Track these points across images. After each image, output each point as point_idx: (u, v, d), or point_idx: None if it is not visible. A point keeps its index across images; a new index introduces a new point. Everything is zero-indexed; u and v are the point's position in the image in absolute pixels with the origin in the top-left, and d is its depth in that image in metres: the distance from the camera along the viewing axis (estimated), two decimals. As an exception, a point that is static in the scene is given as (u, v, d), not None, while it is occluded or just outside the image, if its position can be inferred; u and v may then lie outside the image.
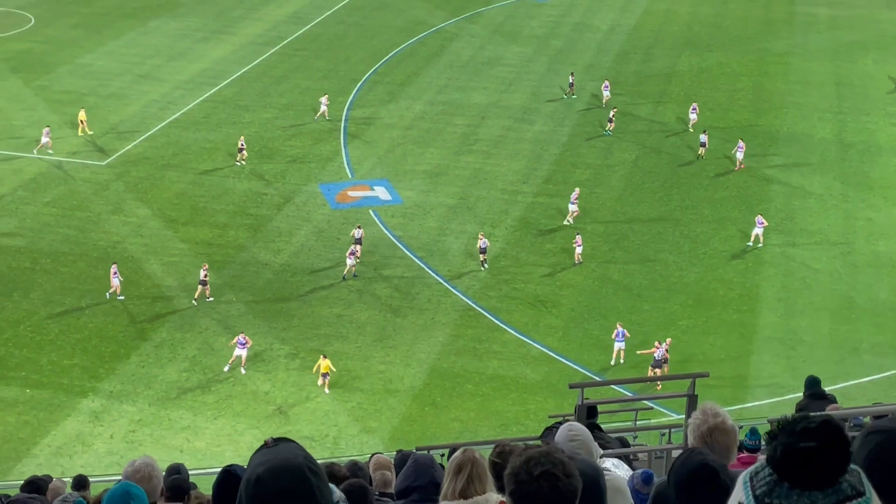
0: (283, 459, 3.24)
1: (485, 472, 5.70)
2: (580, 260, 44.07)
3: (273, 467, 3.20)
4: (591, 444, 6.17)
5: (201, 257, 42.86)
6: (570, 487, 3.60)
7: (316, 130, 56.18)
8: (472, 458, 5.71)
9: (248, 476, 3.20)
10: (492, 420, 34.82)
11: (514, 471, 3.71)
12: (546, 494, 3.57)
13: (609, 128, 56.92)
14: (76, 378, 35.79)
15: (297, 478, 3.17)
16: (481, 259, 43.66)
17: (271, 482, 3.14)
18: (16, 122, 55.62)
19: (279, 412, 34.76)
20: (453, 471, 5.67)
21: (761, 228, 45.57)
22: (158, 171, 50.65)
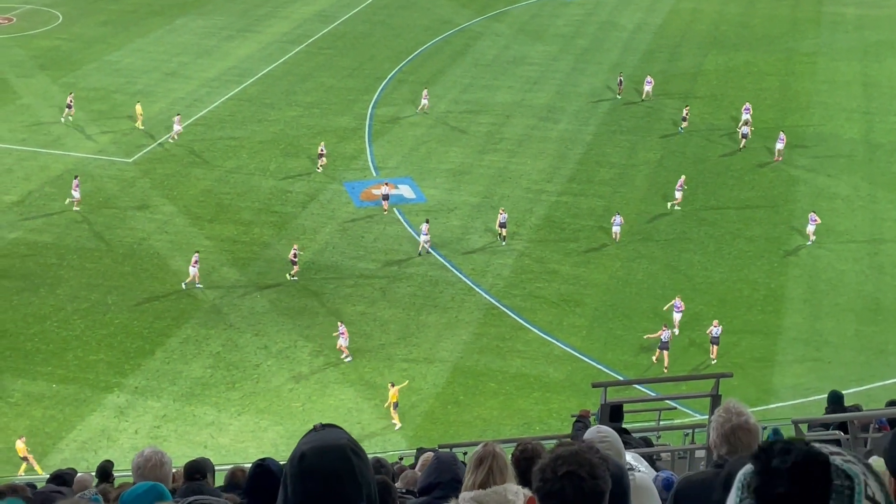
0: (328, 440, 3.37)
1: (506, 465, 5.73)
2: (617, 238, 45.15)
3: (317, 446, 3.32)
4: (619, 445, 6.18)
5: (226, 254, 43.07)
6: (595, 489, 3.60)
7: (341, 128, 56.30)
8: (493, 451, 5.74)
9: (293, 454, 3.31)
10: (515, 419, 34.81)
11: (542, 468, 3.73)
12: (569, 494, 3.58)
13: (683, 126, 56.90)
14: (102, 373, 36.04)
15: (339, 457, 3.29)
16: (501, 233, 44.78)
17: (315, 459, 3.26)
18: (43, 119, 56.03)
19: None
20: (474, 464, 5.71)
21: (814, 225, 45.32)
22: (184, 169, 50.91)
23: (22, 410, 34.10)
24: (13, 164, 50.80)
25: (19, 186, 48.52)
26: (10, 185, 48.67)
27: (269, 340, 38.13)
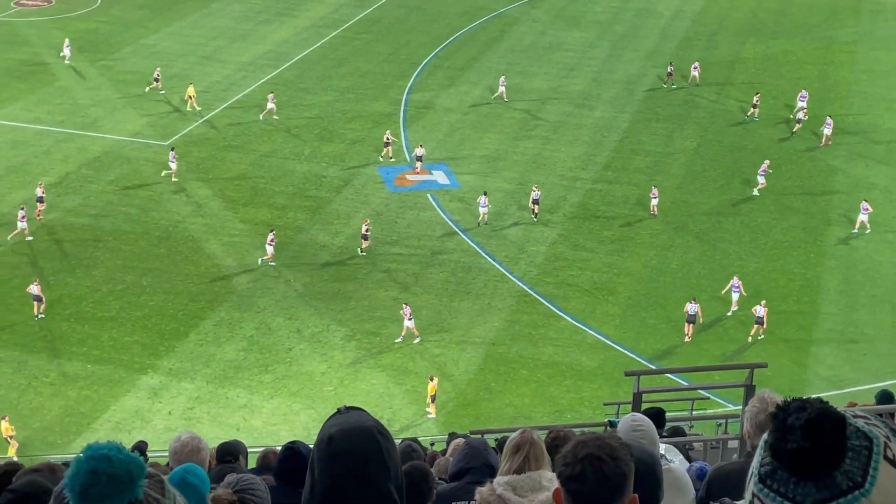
0: (355, 422, 3.35)
1: (542, 453, 5.70)
2: (655, 212, 45.73)
3: (344, 428, 3.30)
4: (653, 433, 6.13)
5: (260, 238, 43.26)
6: (615, 470, 3.56)
7: (375, 114, 56.33)
8: (531, 438, 5.72)
9: (320, 437, 3.31)
10: (546, 406, 34.78)
11: (563, 454, 3.70)
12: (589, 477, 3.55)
13: (753, 113, 56.53)
14: (136, 355, 36.34)
15: (367, 438, 3.27)
16: (534, 210, 45.46)
17: (342, 442, 3.24)
18: (81, 101, 56.45)
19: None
20: (511, 450, 5.68)
21: (866, 215, 44.92)
22: (220, 152, 51.15)
23: (57, 390, 34.46)
24: (51, 145, 51.24)
25: (57, 168, 48.93)
26: (48, 166, 49.09)
27: (301, 324, 38.28)
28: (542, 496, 5.27)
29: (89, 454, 2.41)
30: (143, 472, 2.45)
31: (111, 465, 2.40)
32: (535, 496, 5.30)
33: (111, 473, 2.39)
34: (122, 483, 2.40)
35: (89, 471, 2.39)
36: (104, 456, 2.41)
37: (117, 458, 2.41)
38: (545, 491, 5.29)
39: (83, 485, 2.38)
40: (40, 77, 59.36)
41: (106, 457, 2.40)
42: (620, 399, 27.27)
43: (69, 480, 2.41)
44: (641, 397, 12.10)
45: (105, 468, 2.39)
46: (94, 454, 2.41)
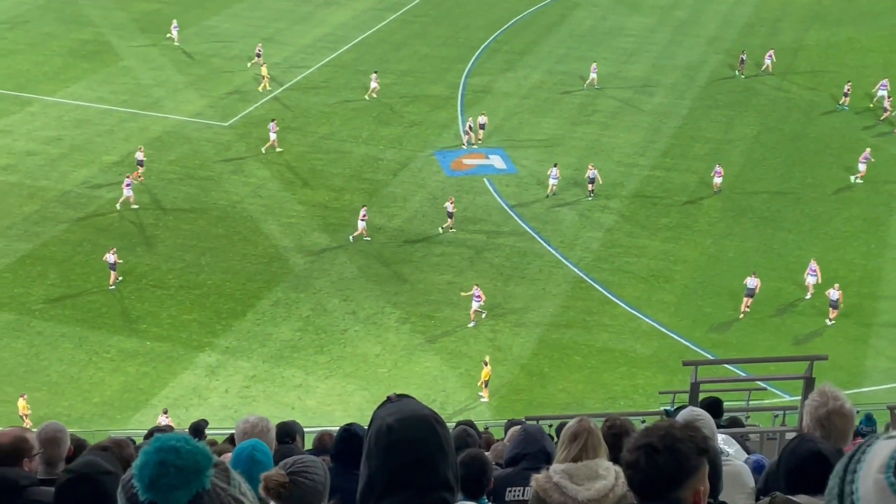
0: (412, 410, 3.36)
1: (599, 442, 5.72)
2: (719, 189, 46.20)
3: (403, 417, 3.31)
4: (712, 426, 6.13)
5: (317, 220, 43.55)
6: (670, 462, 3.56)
7: (433, 97, 56.34)
8: (588, 427, 5.74)
9: (378, 426, 3.31)
10: (599, 393, 34.70)
11: (629, 440, 3.74)
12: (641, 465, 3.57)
13: (844, 102, 55.89)
14: (194, 333, 36.80)
15: (426, 427, 3.30)
16: (590, 189, 45.69)
17: (403, 431, 3.26)
18: (144, 81, 57.12)
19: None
20: (568, 439, 5.70)
21: None
22: (279, 134, 51.45)
23: (117, 366, 35.03)
24: (114, 125, 51.93)
25: (119, 147, 49.59)
26: (111, 145, 49.78)
27: (357, 306, 38.52)
28: (599, 484, 5.30)
29: (158, 445, 2.45)
30: (210, 462, 2.48)
31: (179, 457, 2.44)
32: (591, 484, 5.33)
33: (179, 465, 2.43)
34: (190, 474, 2.44)
35: (158, 462, 2.43)
36: (172, 447, 2.44)
37: (185, 450, 2.45)
38: (601, 479, 5.32)
39: (152, 476, 2.42)
40: (104, 57, 60.13)
41: (174, 448, 2.44)
42: (675, 388, 27.14)
43: (138, 471, 2.45)
44: (699, 387, 12.05)
45: (173, 460, 2.43)
46: (162, 445, 2.45)
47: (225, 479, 2.55)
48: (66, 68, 58.26)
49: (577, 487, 5.27)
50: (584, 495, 5.20)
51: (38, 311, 37.54)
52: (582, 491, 5.23)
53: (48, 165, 47.57)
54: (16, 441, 6.35)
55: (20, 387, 33.72)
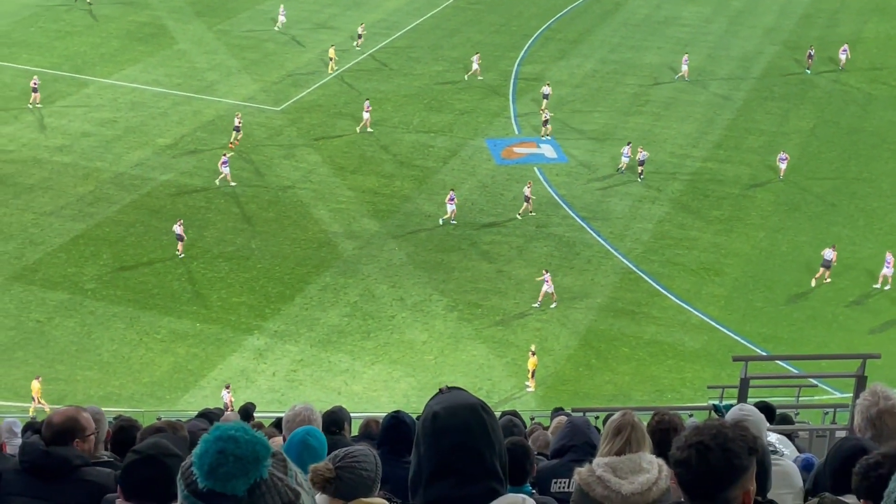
0: (459, 399, 3.40)
1: (643, 435, 5.68)
2: (782, 175, 46.64)
3: (449, 405, 3.36)
4: (761, 424, 6.05)
5: (367, 206, 43.69)
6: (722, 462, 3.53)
7: (485, 85, 56.22)
8: (632, 421, 5.71)
9: (426, 414, 3.35)
10: (646, 385, 34.50)
11: (678, 438, 3.70)
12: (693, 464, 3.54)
13: None
14: (243, 316, 37.10)
15: (471, 415, 3.32)
16: (640, 171, 46.03)
17: (449, 419, 3.30)
18: (198, 64, 57.57)
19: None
20: (612, 432, 5.68)
21: None
22: (330, 119, 51.69)
23: (167, 347, 35.42)
24: (168, 107, 52.41)
25: (173, 130, 50.06)
26: (165, 128, 50.25)
27: (404, 293, 38.60)
28: (642, 478, 5.26)
29: (217, 434, 2.48)
30: (268, 452, 2.50)
31: (238, 446, 2.46)
32: (634, 478, 5.30)
33: (238, 454, 2.45)
34: (249, 463, 2.46)
35: (217, 451, 2.45)
36: (231, 437, 2.46)
37: (244, 439, 2.47)
38: (645, 473, 5.29)
39: (211, 464, 2.45)
40: (160, 40, 60.68)
41: (233, 437, 2.46)
42: (724, 382, 26.91)
43: (197, 459, 2.47)
44: (748, 383, 11.92)
45: (232, 449, 2.45)
46: (221, 434, 2.47)
47: (282, 468, 2.57)
48: (123, 51, 58.86)
49: (621, 481, 5.24)
50: (627, 489, 5.16)
51: (91, 290, 38.05)
52: (625, 484, 5.20)
53: (103, 147, 48.14)
54: (67, 420, 6.41)
55: (72, 365, 34.25)
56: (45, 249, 40.29)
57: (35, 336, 35.60)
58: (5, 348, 34.93)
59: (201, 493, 2.47)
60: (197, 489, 2.48)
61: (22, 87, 53.47)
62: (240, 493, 2.45)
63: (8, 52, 58.27)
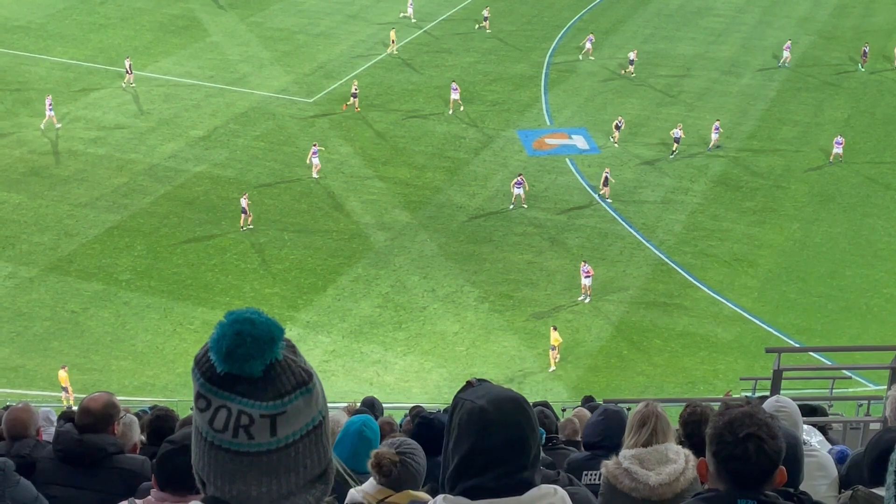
0: (501, 393, 3.38)
1: (668, 425, 5.70)
2: (839, 159, 46.86)
3: (494, 399, 3.33)
4: (796, 417, 6.04)
5: (398, 197, 43.76)
6: (775, 449, 3.61)
7: (517, 76, 56.11)
8: (655, 411, 5.72)
9: (469, 408, 3.31)
10: (679, 377, 34.37)
11: (718, 431, 3.71)
12: (752, 455, 3.58)
13: None
14: (276, 307, 37.26)
15: (518, 408, 3.32)
16: (673, 149, 46.63)
17: (497, 412, 3.28)
18: (231, 57, 57.84)
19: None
20: (637, 424, 5.69)
21: None
22: (362, 111, 51.77)
23: (201, 337, 35.62)
24: (201, 99, 52.69)
25: (206, 122, 50.33)
26: (198, 120, 50.53)
27: (436, 284, 38.65)
28: (669, 468, 5.27)
29: (233, 318, 2.51)
30: (282, 333, 2.54)
31: (255, 328, 2.49)
32: (662, 469, 5.31)
33: (255, 335, 2.49)
34: (265, 343, 2.49)
35: (235, 333, 2.49)
36: (248, 319, 2.50)
37: (259, 321, 2.50)
38: (672, 464, 5.30)
39: (229, 346, 2.48)
40: (193, 32, 61.00)
41: (249, 319, 2.50)
42: (756, 374, 26.76)
43: (214, 343, 2.51)
44: (782, 375, 11.87)
45: (249, 330, 2.49)
46: (238, 317, 2.51)
47: (293, 352, 2.61)
48: (156, 43, 59.22)
49: (648, 472, 5.25)
50: (655, 480, 5.18)
51: (125, 281, 38.37)
52: (653, 476, 5.21)
53: (136, 139, 48.49)
54: (106, 406, 6.46)
55: (106, 355, 34.57)
56: (80, 241, 40.66)
57: (70, 326, 35.96)
58: (41, 339, 35.31)
59: (218, 379, 2.52)
60: (213, 375, 2.53)
61: (58, 79, 53.95)
62: (257, 373, 2.49)
63: (44, 44, 58.78)
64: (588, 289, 37.52)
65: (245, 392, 2.51)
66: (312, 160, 45.08)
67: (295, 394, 2.54)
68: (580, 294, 37.71)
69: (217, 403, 2.54)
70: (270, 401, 2.51)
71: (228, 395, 2.52)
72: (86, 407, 6.37)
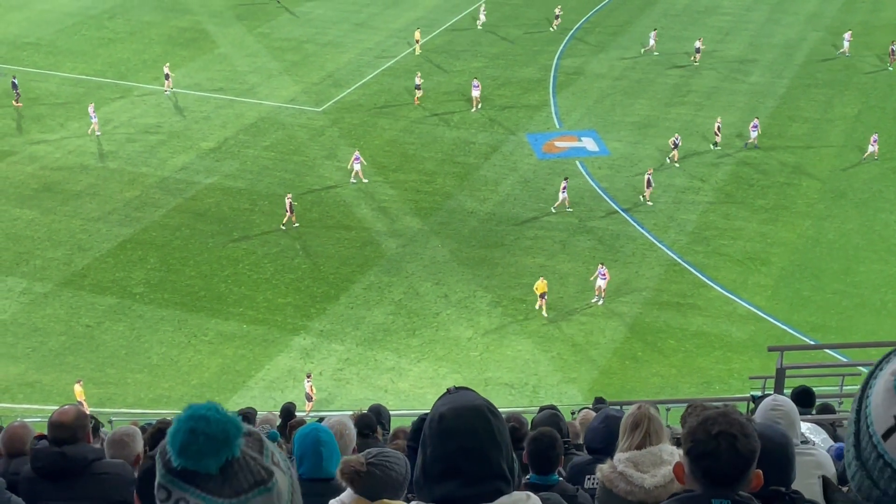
0: (465, 401, 3.41)
1: (661, 427, 5.72)
2: (873, 156, 46.72)
3: (455, 407, 3.36)
4: (793, 416, 6.04)
5: (409, 204, 43.81)
6: (748, 447, 3.62)
7: (525, 80, 56.14)
8: (648, 414, 5.74)
9: (431, 415, 3.38)
10: (693, 377, 34.30)
11: (691, 430, 3.74)
12: (724, 453, 3.59)
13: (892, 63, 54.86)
14: (289, 316, 37.36)
15: (477, 416, 3.33)
16: (716, 140, 47.74)
17: (453, 420, 3.31)
18: (239, 68, 58.04)
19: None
20: (630, 427, 5.71)
21: None
22: (371, 119, 51.89)
23: (215, 349, 35.78)
24: (210, 111, 52.89)
25: (216, 133, 50.51)
26: (208, 131, 50.72)
27: (449, 290, 38.67)
28: (664, 470, 5.30)
29: (189, 414, 2.54)
30: (239, 432, 2.54)
31: (209, 425, 2.51)
32: (656, 471, 5.34)
33: (209, 433, 2.51)
34: (219, 442, 2.51)
35: (188, 430, 2.51)
36: (203, 416, 2.52)
37: (215, 419, 2.52)
38: (666, 465, 5.33)
39: (182, 443, 2.51)
40: (201, 44, 61.24)
41: (204, 417, 2.52)
42: (771, 372, 26.65)
43: (170, 437, 2.54)
44: (785, 373, 11.85)
45: (203, 428, 2.51)
46: (193, 414, 2.53)
47: (257, 448, 2.62)
48: (165, 56, 59.47)
49: (643, 475, 5.28)
50: (650, 482, 5.20)
51: (139, 294, 38.53)
52: (647, 478, 5.23)
53: (147, 152, 48.69)
54: (78, 417, 6.54)
55: (122, 368, 34.71)
56: (93, 255, 40.85)
57: (85, 341, 36.13)
58: (56, 354, 35.48)
59: (176, 471, 2.54)
60: (172, 467, 2.55)
61: (68, 94, 54.24)
62: (212, 471, 2.51)
63: (53, 60, 59.11)
64: (602, 291, 37.50)
65: (203, 486, 2.53)
66: (354, 166, 45.38)
67: (252, 492, 2.55)
68: (594, 296, 37.68)
69: (176, 495, 2.56)
70: (227, 498, 2.53)
71: (187, 488, 2.55)
72: (59, 421, 6.42)
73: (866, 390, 2.37)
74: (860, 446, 2.34)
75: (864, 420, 2.33)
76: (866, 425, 2.32)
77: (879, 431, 2.28)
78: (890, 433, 2.26)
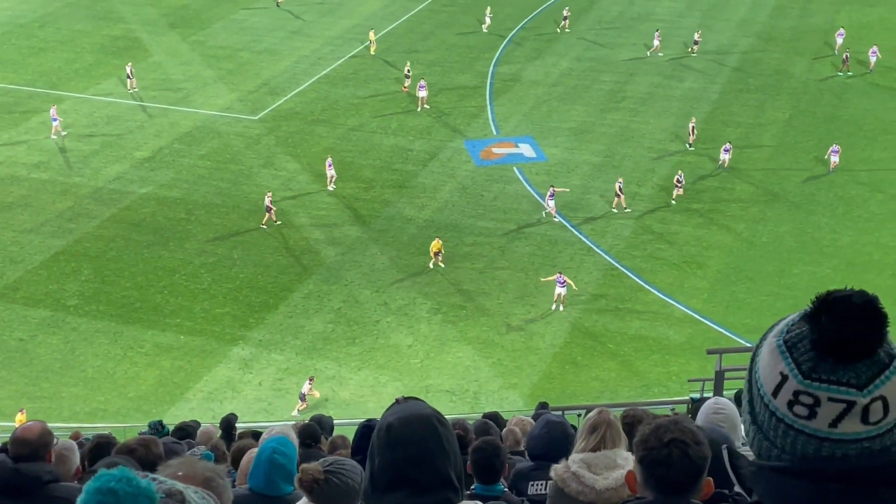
0: (413, 410, 3.40)
1: (618, 434, 5.74)
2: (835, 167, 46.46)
3: (403, 416, 3.35)
4: (735, 419, 6.10)
5: (348, 211, 43.66)
6: (700, 454, 3.65)
7: (462, 87, 56.28)
8: (607, 419, 5.76)
9: (379, 425, 3.35)
10: (633, 380, 34.58)
11: (644, 438, 3.74)
12: (676, 460, 3.60)
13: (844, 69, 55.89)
14: (227, 326, 37.02)
15: (425, 425, 3.32)
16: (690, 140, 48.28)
17: (401, 429, 3.29)
18: (173, 76, 57.44)
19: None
20: (588, 430, 5.72)
21: None
22: (308, 127, 51.66)
23: (152, 360, 35.32)
24: (144, 120, 52.27)
25: (150, 143, 49.92)
26: (142, 141, 50.12)
27: (388, 297, 38.59)
28: (617, 474, 5.33)
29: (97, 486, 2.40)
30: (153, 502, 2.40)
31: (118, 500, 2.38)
32: (609, 473, 5.36)
33: None
34: None
35: None
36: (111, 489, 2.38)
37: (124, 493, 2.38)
38: (620, 469, 5.35)
39: None
40: (134, 53, 60.49)
41: (113, 490, 2.38)
42: (709, 375, 26.98)
43: None
44: (724, 375, 11.99)
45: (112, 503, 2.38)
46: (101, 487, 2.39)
47: None
48: (97, 65, 58.70)
49: (595, 476, 5.29)
50: (601, 484, 5.22)
51: (73, 307, 37.91)
52: (600, 480, 5.25)
53: (80, 162, 47.97)
54: (42, 435, 6.38)
55: (56, 382, 34.11)
56: (25, 267, 40.13)
57: (18, 354, 35.45)
58: (-11, 368, 34.77)
59: None
60: None
61: (-3, 105, 53.30)
62: None
63: (-18, 70, 58.03)
64: (563, 297, 37.52)
65: None
66: (329, 172, 45.40)
67: None
68: (560, 302, 37.66)
69: None
70: None
71: None
72: (21, 437, 6.28)
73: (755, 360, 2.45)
74: (755, 412, 2.41)
75: (755, 386, 2.41)
76: (757, 389, 2.40)
77: (769, 391, 2.36)
78: (778, 389, 2.34)
